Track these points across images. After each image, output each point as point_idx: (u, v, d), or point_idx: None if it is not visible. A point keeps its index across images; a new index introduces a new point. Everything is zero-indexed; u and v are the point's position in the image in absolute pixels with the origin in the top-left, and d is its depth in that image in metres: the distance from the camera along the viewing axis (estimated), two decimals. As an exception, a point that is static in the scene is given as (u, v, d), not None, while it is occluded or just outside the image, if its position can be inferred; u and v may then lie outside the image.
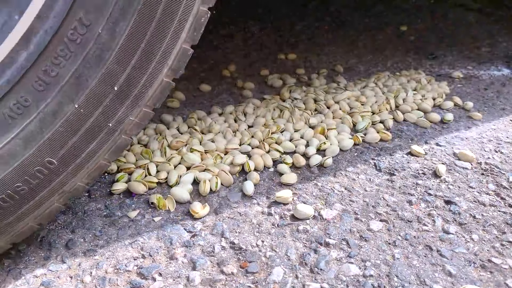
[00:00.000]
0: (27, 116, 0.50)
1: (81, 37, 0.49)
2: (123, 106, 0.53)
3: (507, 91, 1.08)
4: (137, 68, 0.51)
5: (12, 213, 0.54)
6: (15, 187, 0.53)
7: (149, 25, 0.50)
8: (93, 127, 0.53)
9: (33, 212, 0.55)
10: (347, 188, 0.74)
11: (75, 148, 0.53)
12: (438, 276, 0.57)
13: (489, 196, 0.72)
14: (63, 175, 0.54)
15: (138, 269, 0.59)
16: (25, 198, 0.54)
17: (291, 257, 0.61)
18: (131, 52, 0.50)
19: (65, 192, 0.56)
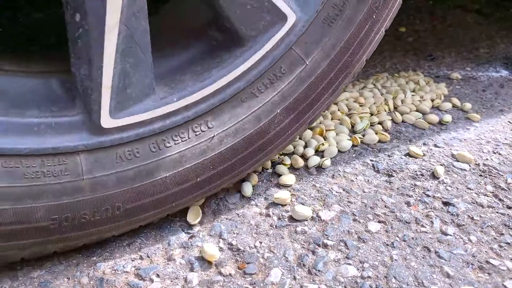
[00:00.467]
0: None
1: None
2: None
3: (505, 93, 1.09)
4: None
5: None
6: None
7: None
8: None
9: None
10: (345, 189, 0.74)
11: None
12: (436, 278, 0.57)
13: (487, 197, 0.72)
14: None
15: (136, 270, 0.59)
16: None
17: (289, 258, 0.60)
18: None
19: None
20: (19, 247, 0.54)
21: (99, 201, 0.56)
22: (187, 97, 0.58)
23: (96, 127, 0.54)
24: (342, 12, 0.63)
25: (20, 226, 0.52)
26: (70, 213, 0.54)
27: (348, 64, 0.67)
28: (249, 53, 0.61)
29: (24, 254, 0.56)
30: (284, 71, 0.63)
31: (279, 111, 0.64)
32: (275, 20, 0.61)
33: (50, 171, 0.52)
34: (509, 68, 1.22)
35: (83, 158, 0.54)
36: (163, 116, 0.57)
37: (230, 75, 0.60)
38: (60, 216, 0.54)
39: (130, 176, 0.57)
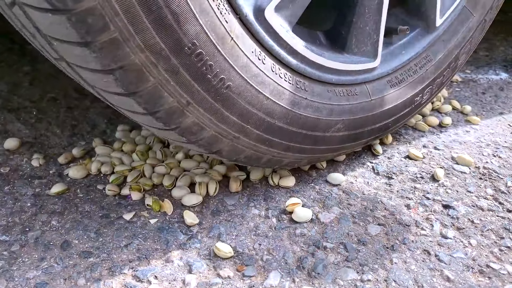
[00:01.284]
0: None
1: None
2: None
3: (505, 95, 1.08)
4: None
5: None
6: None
7: None
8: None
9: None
10: (345, 191, 0.74)
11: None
12: (436, 281, 0.57)
13: (487, 200, 0.71)
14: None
15: (133, 271, 0.58)
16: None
17: (288, 261, 0.60)
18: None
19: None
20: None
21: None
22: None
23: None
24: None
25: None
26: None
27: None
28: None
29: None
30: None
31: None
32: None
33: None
34: (509, 71, 1.22)
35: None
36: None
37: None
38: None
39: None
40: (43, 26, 0.44)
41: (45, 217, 0.67)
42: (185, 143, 0.59)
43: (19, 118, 0.92)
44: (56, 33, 0.43)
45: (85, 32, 0.42)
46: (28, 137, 0.87)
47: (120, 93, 0.49)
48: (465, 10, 0.79)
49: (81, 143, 0.86)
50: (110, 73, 0.46)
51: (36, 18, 0.43)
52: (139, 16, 0.43)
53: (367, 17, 0.67)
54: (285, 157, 0.67)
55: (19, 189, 0.73)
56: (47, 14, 0.41)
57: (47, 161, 0.81)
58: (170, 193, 0.72)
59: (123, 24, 0.43)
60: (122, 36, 0.44)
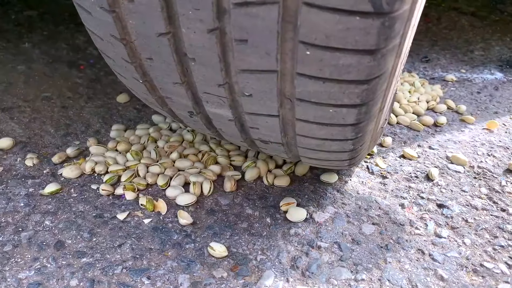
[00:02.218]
0: None
1: None
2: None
3: (500, 95, 1.09)
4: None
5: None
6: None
7: None
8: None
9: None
10: (339, 190, 0.74)
11: None
12: (430, 281, 0.57)
13: (481, 200, 0.72)
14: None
15: (127, 271, 0.58)
16: None
17: (282, 261, 0.60)
18: None
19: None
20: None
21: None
22: None
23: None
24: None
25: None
26: None
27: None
28: None
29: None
30: None
31: None
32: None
33: None
34: (504, 71, 1.22)
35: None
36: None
37: None
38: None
39: None
40: (320, 32, 0.38)
41: (39, 217, 0.67)
42: (339, 153, 0.57)
43: (13, 118, 0.91)
44: (341, 40, 0.38)
45: (384, 39, 0.38)
46: (21, 136, 0.86)
47: (349, 105, 0.45)
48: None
49: (75, 143, 0.85)
50: (366, 83, 0.42)
51: (318, 21, 0.37)
52: (412, 21, 0.41)
53: None
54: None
55: (12, 189, 0.73)
56: (354, 17, 0.36)
57: (41, 160, 0.80)
58: (164, 193, 0.72)
59: (406, 30, 0.41)
60: (399, 43, 0.41)
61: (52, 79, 1.06)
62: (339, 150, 0.55)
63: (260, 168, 0.76)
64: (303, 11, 0.37)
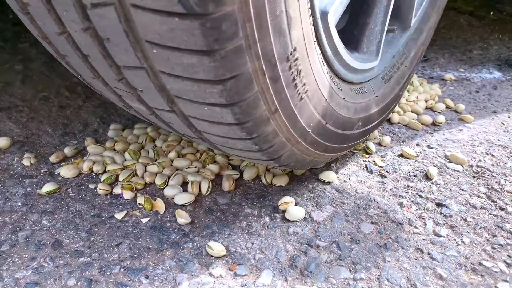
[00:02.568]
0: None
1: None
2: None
3: (498, 94, 1.09)
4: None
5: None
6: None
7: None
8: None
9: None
10: (338, 190, 0.73)
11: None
12: (429, 280, 0.57)
13: (480, 199, 0.72)
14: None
15: (125, 271, 0.58)
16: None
17: (281, 260, 0.60)
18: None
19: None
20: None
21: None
22: None
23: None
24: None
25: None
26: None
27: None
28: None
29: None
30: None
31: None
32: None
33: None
34: (502, 70, 1.22)
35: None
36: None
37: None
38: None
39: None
40: (156, 32, 0.38)
41: (36, 217, 0.67)
42: (251, 152, 0.56)
43: (11, 117, 0.91)
44: (174, 39, 0.38)
45: (214, 40, 0.38)
46: (19, 136, 0.86)
47: (218, 104, 0.45)
48: (427, 12, 0.86)
49: (73, 142, 0.85)
50: (220, 83, 0.42)
51: (152, 22, 0.38)
52: (265, 22, 0.41)
53: (377, 18, 0.68)
54: (320, 157, 0.67)
55: (10, 188, 0.73)
56: (174, 19, 0.37)
57: (39, 160, 0.80)
58: (162, 192, 0.72)
59: (251, 31, 0.40)
60: (246, 44, 0.40)
61: (49, 78, 1.06)
62: (248, 149, 0.55)
63: (259, 167, 0.76)
64: (132, 12, 0.38)
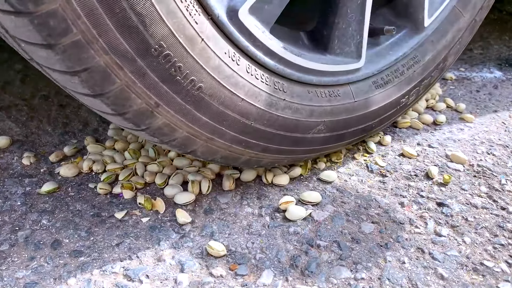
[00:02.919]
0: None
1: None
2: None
3: (499, 94, 1.08)
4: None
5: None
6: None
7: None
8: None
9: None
10: (338, 189, 0.73)
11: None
12: (430, 279, 0.57)
13: (481, 198, 0.71)
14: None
15: (124, 271, 0.57)
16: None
17: (281, 259, 0.59)
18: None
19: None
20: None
21: None
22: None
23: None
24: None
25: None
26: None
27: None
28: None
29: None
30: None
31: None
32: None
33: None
34: (503, 69, 1.22)
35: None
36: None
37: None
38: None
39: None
40: (10, 28, 0.43)
41: (36, 216, 0.66)
42: (159, 143, 0.58)
43: (10, 116, 0.91)
44: (21, 34, 0.43)
45: (47, 35, 0.42)
46: (19, 135, 0.86)
47: (88, 94, 0.49)
48: (455, 10, 0.79)
49: (72, 141, 0.85)
50: (75, 75, 0.46)
51: (2, 19, 0.43)
52: (102, 19, 0.43)
53: (350, 17, 0.66)
54: (263, 157, 0.66)
55: (9, 187, 0.72)
56: (11, 16, 0.41)
57: (38, 159, 0.80)
58: (162, 192, 0.71)
59: (85, 27, 0.43)
60: (85, 39, 0.43)
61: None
62: (153, 140, 0.58)
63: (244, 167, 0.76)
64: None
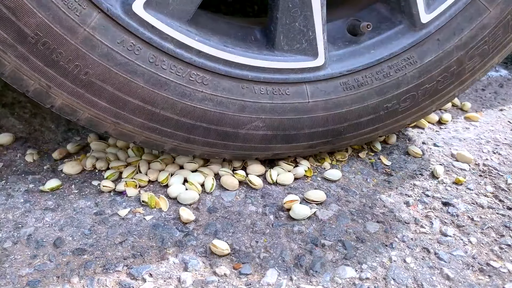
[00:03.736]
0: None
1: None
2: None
3: (505, 92, 1.08)
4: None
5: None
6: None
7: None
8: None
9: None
10: (343, 188, 0.73)
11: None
12: (436, 280, 0.56)
13: (487, 198, 0.71)
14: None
15: (128, 269, 0.57)
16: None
17: (285, 259, 0.59)
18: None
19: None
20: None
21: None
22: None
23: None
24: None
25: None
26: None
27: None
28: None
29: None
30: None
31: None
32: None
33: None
34: (509, 68, 1.21)
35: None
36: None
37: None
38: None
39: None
40: None
41: (39, 214, 0.66)
42: (73, 121, 0.63)
43: (13, 113, 0.91)
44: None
45: None
46: (22, 132, 0.86)
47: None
48: (476, 4, 0.69)
49: (76, 139, 0.84)
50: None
51: None
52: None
53: (293, 12, 0.63)
54: (191, 148, 0.67)
55: (12, 185, 0.72)
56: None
57: (41, 156, 0.79)
58: (165, 190, 0.71)
59: None
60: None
61: (52, 74, 1.05)
62: (64, 118, 0.67)
63: (263, 165, 0.75)
64: None
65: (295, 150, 0.72)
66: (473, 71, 0.75)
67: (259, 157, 0.73)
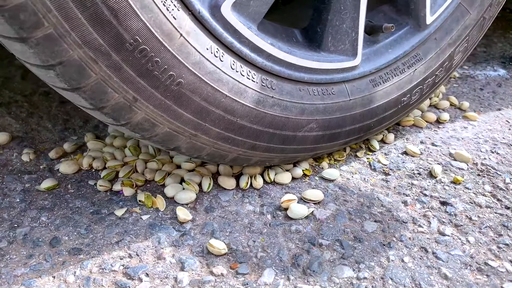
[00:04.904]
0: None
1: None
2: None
3: (503, 92, 1.07)
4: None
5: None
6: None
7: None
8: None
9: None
10: (341, 187, 0.72)
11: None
12: (434, 279, 0.56)
13: (485, 197, 0.70)
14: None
15: (124, 269, 0.57)
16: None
17: (283, 258, 0.59)
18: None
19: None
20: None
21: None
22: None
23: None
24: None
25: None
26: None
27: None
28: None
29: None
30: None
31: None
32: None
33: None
34: (507, 67, 1.21)
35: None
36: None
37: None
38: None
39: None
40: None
41: (35, 213, 0.66)
42: (141, 139, 0.58)
43: (10, 112, 0.90)
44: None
45: (19, 28, 0.42)
46: (18, 131, 0.85)
47: (66, 88, 0.49)
48: (461, 7, 0.77)
49: (72, 138, 0.84)
50: (51, 68, 0.46)
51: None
52: (73, 13, 0.43)
53: (343, 14, 0.65)
54: (252, 155, 0.65)
55: (8, 184, 0.72)
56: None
57: (38, 156, 0.79)
58: (162, 189, 0.71)
59: (57, 21, 0.43)
60: (58, 32, 0.43)
61: (49, 73, 1.05)
62: (135, 136, 0.58)
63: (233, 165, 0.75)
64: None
65: (332, 148, 0.75)
66: (456, 66, 0.84)
67: (302, 158, 0.74)
